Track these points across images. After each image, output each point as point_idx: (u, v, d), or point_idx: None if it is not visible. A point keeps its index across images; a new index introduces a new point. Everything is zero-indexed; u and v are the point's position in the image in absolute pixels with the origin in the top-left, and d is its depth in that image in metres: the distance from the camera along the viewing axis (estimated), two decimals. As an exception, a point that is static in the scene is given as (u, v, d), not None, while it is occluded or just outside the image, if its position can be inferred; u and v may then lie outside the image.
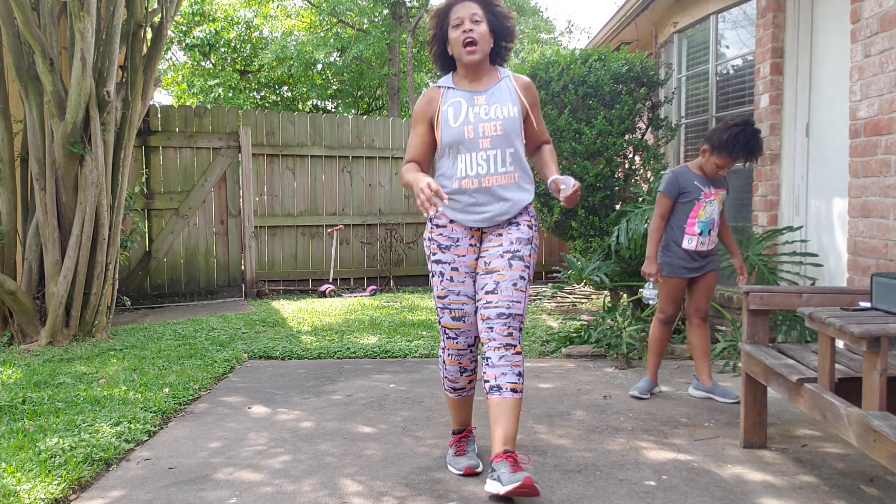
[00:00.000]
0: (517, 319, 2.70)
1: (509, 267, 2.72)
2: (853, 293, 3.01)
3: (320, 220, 8.57)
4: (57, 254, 5.34)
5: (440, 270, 2.81)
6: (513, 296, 2.69)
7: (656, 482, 2.75)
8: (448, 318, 2.81)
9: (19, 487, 2.66)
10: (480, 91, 2.76)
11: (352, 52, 15.80)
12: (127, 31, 5.77)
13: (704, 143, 3.74)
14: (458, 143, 2.72)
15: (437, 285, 2.82)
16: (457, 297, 2.79)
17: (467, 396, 2.95)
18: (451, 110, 2.74)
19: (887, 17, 3.52)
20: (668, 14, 6.68)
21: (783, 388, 2.74)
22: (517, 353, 2.70)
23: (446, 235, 2.81)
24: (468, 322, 2.80)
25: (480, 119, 2.70)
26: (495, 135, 2.70)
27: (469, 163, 2.72)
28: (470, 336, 2.82)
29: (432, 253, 2.84)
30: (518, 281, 2.71)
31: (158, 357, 4.88)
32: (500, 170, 2.72)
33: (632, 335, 4.68)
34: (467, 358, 2.85)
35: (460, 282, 2.79)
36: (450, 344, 2.83)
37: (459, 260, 2.79)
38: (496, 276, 2.71)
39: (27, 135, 5.46)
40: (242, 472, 2.90)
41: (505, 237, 2.77)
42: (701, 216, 3.72)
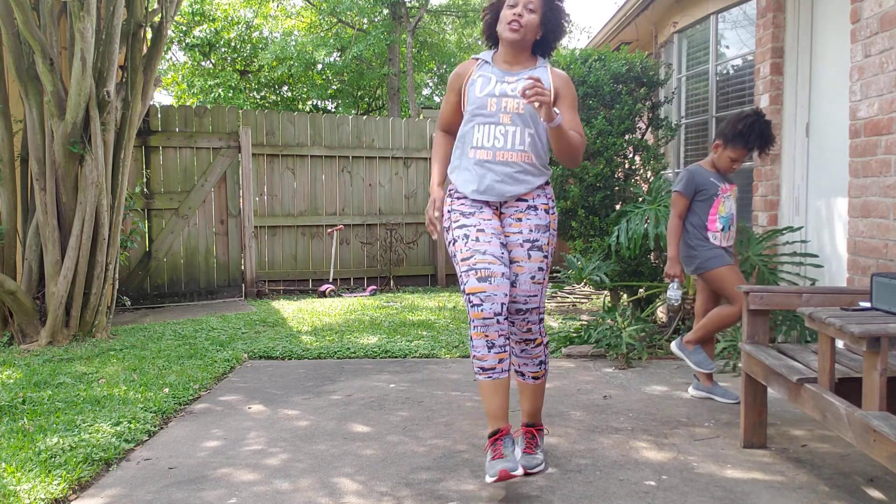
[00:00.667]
0: (535, 313, 2.76)
1: (528, 258, 2.73)
2: (853, 293, 3.01)
3: (320, 220, 8.57)
4: (57, 254, 5.34)
5: (464, 234, 2.70)
6: (530, 290, 2.73)
7: (656, 482, 2.75)
8: (473, 281, 2.60)
9: (19, 487, 2.66)
10: (514, 73, 2.77)
11: (352, 52, 15.80)
12: (127, 31, 5.77)
13: (717, 139, 3.74)
14: (479, 113, 2.74)
15: (462, 249, 2.68)
16: (482, 256, 2.63)
17: (498, 380, 2.64)
18: (480, 81, 2.77)
19: (887, 17, 3.53)
20: (668, 14, 6.68)
21: (783, 388, 2.74)
22: (537, 345, 2.81)
23: (469, 203, 2.77)
24: (495, 284, 2.60)
25: (506, 94, 2.71)
26: (517, 112, 2.70)
27: (487, 134, 2.73)
28: (496, 302, 2.59)
29: (454, 221, 2.75)
30: (536, 273, 2.74)
31: (158, 357, 4.88)
32: (518, 147, 2.72)
33: (632, 335, 4.68)
34: (494, 330, 2.60)
35: (486, 241, 2.66)
36: (475, 313, 2.60)
37: (485, 223, 2.72)
38: (515, 268, 2.72)
39: (27, 135, 5.46)
40: (242, 472, 2.91)
41: (524, 223, 2.75)
42: (721, 211, 3.71)
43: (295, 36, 17.59)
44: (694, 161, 6.25)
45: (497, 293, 2.60)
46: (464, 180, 2.79)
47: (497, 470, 2.47)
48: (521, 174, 2.74)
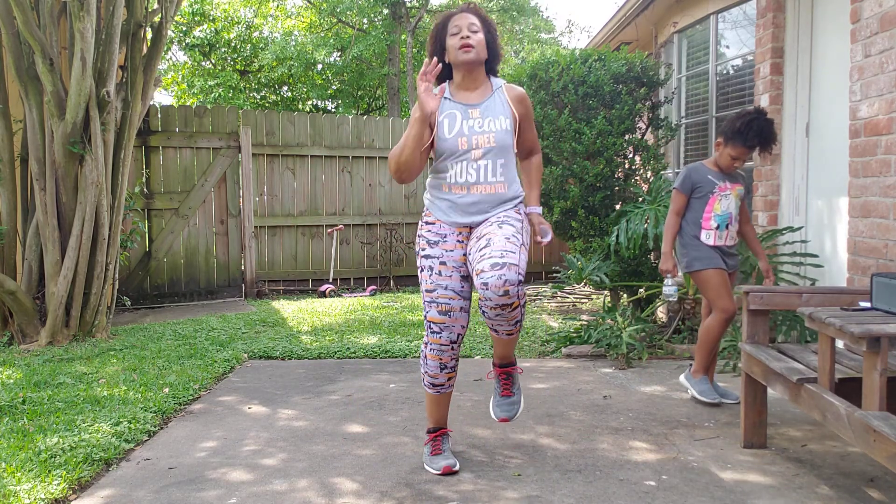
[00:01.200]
0: (513, 270, 2.54)
1: (500, 228, 2.73)
2: (853, 293, 3.01)
3: (320, 220, 8.57)
4: (57, 254, 5.34)
5: (429, 265, 2.88)
6: (505, 246, 2.62)
7: (656, 482, 2.75)
8: (434, 312, 2.84)
9: (19, 487, 2.66)
10: (475, 105, 2.87)
11: (352, 52, 15.81)
12: (127, 31, 5.77)
13: (718, 137, 3.73)
14: (451, 153, 2.84)
15: (426, 279, 2.88)
16: (444, 292, 2.83)
17: (446, 394, 2.98)
18: (447, 122, 2.85)
19: (887, 17, 3.52)
20: (668, 14, 6.68)
21: (783, 388, 2.74)
22: (514, 308, 2.63)
23: (434, 232, 2.90)
24: (453, 317, 2.84)
25: (474, 132, 2.82)
26: (488, 146, 2.81)
27: (461, 171, 2.84)
28: (453, 332, 2.85)
29: (421, 249, 2.93)
30: (511, 236, 2.68)
31: (158, 357, 4.88)
32: (491, 179, 2.83)
33: (632, 335, 4.68)
34: (448, 355, 2.88)
35: (447, 276, 2.84)
36: (433, 339, 2.86)
37: (447, 255, 2.86)
38: (488, 236, 2.71)
39: (27, 135, 5.46)
40: (242, 472, 2.91)
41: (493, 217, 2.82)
42: (716, 209, 3.69)
43: (295, 36, 17.59)
44: (694, 160, 6.25)
45: (455, 325, 2.85)
46: (441, 211, 2.90)
47: (441, 466, 2.88)
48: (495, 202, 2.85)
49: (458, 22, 2.85)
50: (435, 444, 2.98)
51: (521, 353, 5.05)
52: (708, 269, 3.67)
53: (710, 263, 3.67)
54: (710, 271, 3.67)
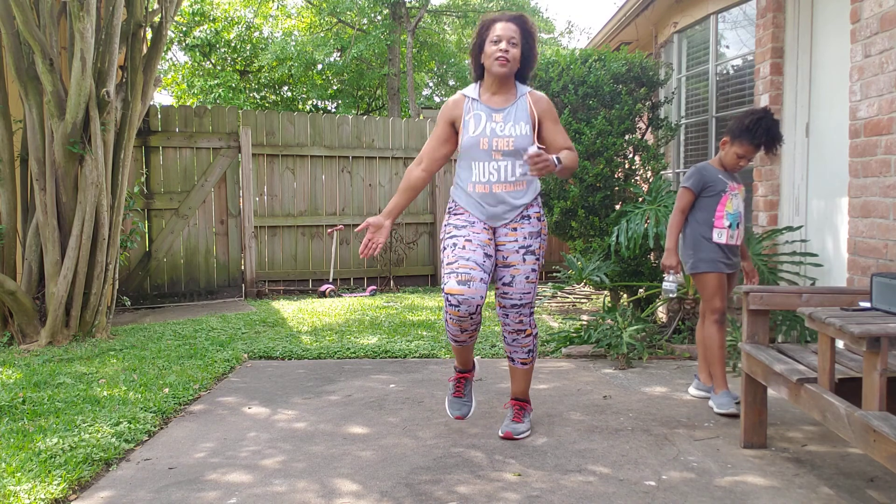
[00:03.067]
0: (528, 307, 3.14)
1: (523, 262, 3.10)
2: (853, 293, 3.01)
3: (320, 220, 8.57)
4: (57, 254, 5.34)
5: (453, 242, 3.05)
6: (524, 288, 3.11)
7: (656, 482, 2.75)
8: (453, 283, 2.93)
9: (19, 487, 2.66)
10: (499, 109, 3.07)
11: (352, 52, 15.81)
12: (127, 31, 5.77)
13: (725, 136, 3.71)
14: (473, 151, 3.06)
15: (448, 255, 3.04)
16: (465, 262, 2.97)
17: (468, 345, 3.24)
18: (472, 121, 3.08)
19: (887, 17, 3.52)
20: (668, 14, 6.68)
21: (783, 388, 2.74)
22: (527, 335, 3.19)
23: (464, 219, 3.11)
24: (472, 288, 2.93)
25: (496, 134, 3.03)
26: (507, 149, 3.03)
27: (482, 171, 3.07)
28: (472, 305, 2.94)
29: (447, 233, 3.12)
30: (530, 274, 3.12)
31: (158, 357, 4.88)
32: (510, 179, 3.06)
33: (632, 335, 4.68)
34: (468, 323, 3.03)
35: (472, 250, 3.00)
36: (452, 311, 2.97)
37: (475, 235, 3.06)
38: (512, 271, 3.10)
39: (27, 135, 5.46)
40: (242, 473, 2.91)
41: (519, 231, 3.11)
42: (729, 208, 3.66)
43: (295, 36, 17.58)
44: (694, 161, 6.26)
45: (474, 297, 2.95)
46: (466, 203, 3.14)
47: (456, 413, 3.34)
48: (515, 200, 3.09)
49: (501, 31, 3.01)
50: (458, 385, 3.34)
51: (521, 353, 5.05)
52: (711, 272, 3.67)
53: (714, 267, 3.66)
54: (712, 275, 3.67)
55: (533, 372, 3.36)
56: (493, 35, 3.02)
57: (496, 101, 3.09)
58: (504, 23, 3.04)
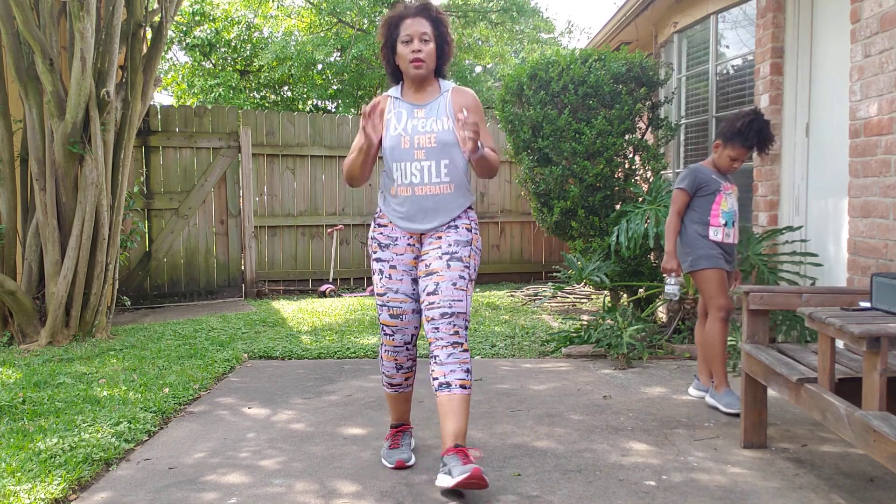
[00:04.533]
0: (461, 318, 2.79)
1: (448, 268, 2.81)
2: (853, 293, 3.01)
3: (320, 220, 8.57)
4: (57, 254, 5.34)
5: (380, 268, 2.93)
6: (454, 295, 2.78)
7: (656, 482, 2.75)
8: (386, 316, 2.90)
9: (19, 487, 2.66)
10: (421, 105, 2.89)
11: (352, 52, 15.80)
12: (127, 31, 5.77)
13: (717, 138, 3.72)
14: (395, 151, 2.85)
15: (377, 283, 2.93)
16: (395, 295, 2.89)
17: (404, 393, 3.04)
18: (393, 120, 2.89)
19: (887, 17, 3.52)
20: (668, 14, 6.68)
21: (783, 388, 2.74)
22: (464, 350, 2.79)
23: (386, 234, 2.94)
24: (405, 320, 2.89)
25: (417, 131, 2.84)
26: (430, 146, 2.82)
27: (405, 172, 2.84)
28: (406, 334, 2.91)
29: (373, 251, 2.97)
30: (458, 280, 2.80)
31: (158, 357, 4.88)
32: (434, 180, 2.83)
33: (632, 335, 4.68)
34: (403, 355, 2.94)
35: (398, 279, 2.89)
36: (387, 341, 2.93)
37: (397, 258, 2.90)
38: (436, 278, 2.80)
39: (27, 135, 5.46)
40: (242, 473, 2.91)
41: (443, 240, 2.86)
42: (724, 207, 3.67)
43: (295, 36, 17.59)
44: (694, 160, 6.26)
45: (407, 327, 2.90)
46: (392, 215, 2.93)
47: (395, 460, 2.92)
48: (440, 206, 2.85)
49: (411, 30, 2.82)
50: (394, 439, 3.05)
51: (522, 352, 5.05)
52: (711, 268, 3.66)
53: (713, 263, 3.66)
54: (712, 271, 3.66)
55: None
56: (403, 34, 2.82)
57: (418, 98, 2.90)
58: (412, 19, 2.83)
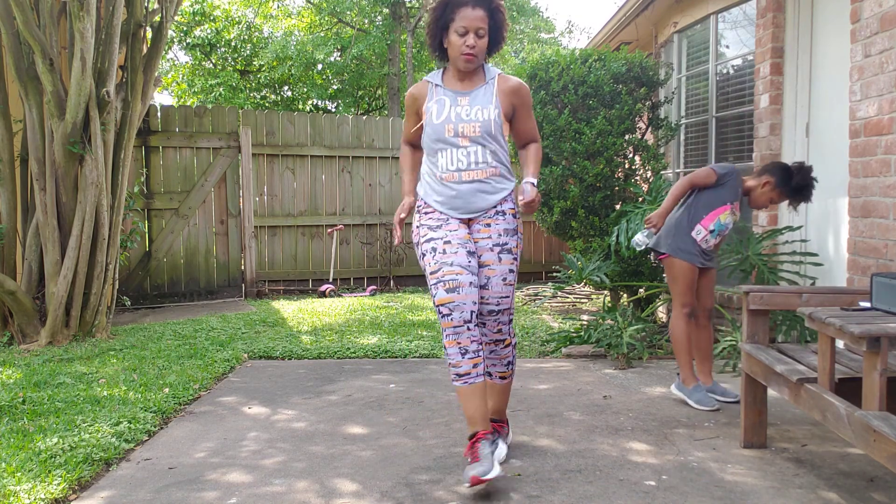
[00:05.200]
0: (506, 314, 2.89)
1: (499, 261, 2.86)
2: (853, 293, 3.01)
3: (320, 220, 8.57)
4: (57, 254, 5.34)
5: (432, 247, 2.82)
6: (502, 291, 2.86)
7: (656, 482, 2.75)
8: (442, 293, 2.73)
9: (19, 487, 2.66)
10: (465, 93, 2.87)
11: (352, 51, 15.80)
12: (127, 31, 5.77)
13: (769, 177, 3.72)
14: (438, 139, 2.85)
15: (430, 262, 2.81)
16: (450, 268, 2.75)
17: (475, 385, 2.75)
18: (436, 108, 2.87)
19: (887, 17, 3.52)
20: (668, 14, 6.68)
21: (783, 388, 2.74)
22: (507, 345, 2.94)
23: (435, 218, 2.89)
24: (462, 293, 2.72)
25: (461, 119, 2.83)
26: (474, 134, 2.82)
27: (450, 158, 2.85)
28: (465, 311, 2.72)
29: (422, 236, 2.89)
30: (507, 275, 2.88)
31: (158, 357, 4.88)
32: (481, 165, 2.84)
33: (632, 335, 4.68)
34: (465, 336, 2.73)
35: (453, 253, 2.78)
36: (445, 323, 2.75)
37: (452, 234, 2.84)
38: (487, 272, 2.85)
39: (27, 135, 5.46)
40: (242, 473, 2.91)
41: (493, 228, 2.87)
42: (721, 219, 3.71)
43: (295, 36, 17.59)
44: (694, 160, 6.26)
45: (466, 302, 2.73)
46: (433, 199, 2.92)
47: (469, 476, 2.58)
48: (486, 189, 2.85)
49: (467, 21, 2.77)
50: (473, 451, 2.69)
51: (522, 353, 5.05)
52: (689, 263, 3.73)
53: (691, 259, 3.73)
54: (689, 266, 3.73)
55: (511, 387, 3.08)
56: (459, 25, 2.77)
57: (461, 86, 2.88)
58: (472, 9, 2.77)
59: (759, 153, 5.04)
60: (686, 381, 3.77)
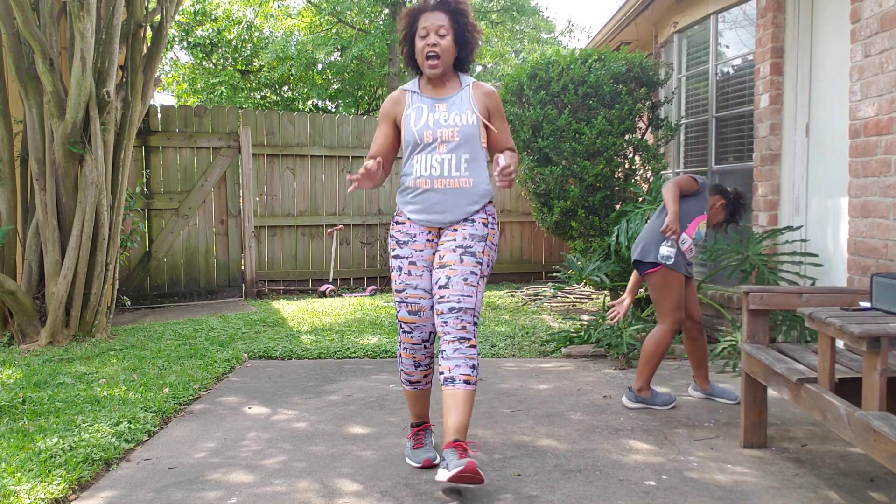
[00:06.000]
0: (469, 313, 2.78)
1: (460, 262, 2.81)
2: (853, 293, 3.01)
3: (320, 220, 8.57)
4: (57, 254, 5.34)
5: (398, 265, 2.91)
6: (464, 290, 2.78)
7: (656, 482, 2.75)
8: (405, 313, 2.88)
9: (19, 487, 2.66)
10: (443, 99, 2.88)
11: (352, 51, 15.80)
12: (127, 31, 5.77)
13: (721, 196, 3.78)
14: (416, 145, 2.85)
15: (396, 279, 2.91)
16: (413, 292, 2.87)
17: (422, 390, 3.04)
18: (414, 115, 2.87)
19: (887, 17, 3.52)
20: (668, 14, 6.68)
21: (783, 388, 2.74)
22: (471, 346, 2.78)
23: (404, 232, 2.93)
24: (424, 317, 2.87)
25: (440, 125, 2.83)
26: (452, 140, 2.82)
27: (424, 164, 2.84)
28: (424, 331, 2.89)
29: (391, 249, 2.96)
30: (469, 276, 2.80)
31: (158, 357, 4.88)
32: (454, 174, 2.83)
33: (632, 335, 4.68)
34: (421, 353, 2.92)
35: (417, 276, 2.87)
36: (405, 338, 2.91)
37: (417, 254, 2.89)
38: (448, 271, 2.81)
39: (27, 135, 5.46)
40: (242, 473, 2.91)
41: (459, 233, 2.86)
42: (700, 227, 3.67)
43: (295, 36, 17.59)
44: (694, 160, 6.26)
45: (426, 324, 2.88)
46: (408, 208, 2.92)
47: (422, 459, 2.91)
48: (459, 199, 2.84)
49: (426, 23, 2.80)
50: (417, 439, 3.05)
51: (522, 353, 5.05)
52: (676, 271, 3.57)
53: (682, 269, 3.60)
54: (680, 275, 3.59)
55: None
56: (420, 28, 2.80)
57: (437, 92, 2.89)
58: (429, 13, 2.80)
59: (759, 153, 5.04)
60: (643, 391, 3.69)
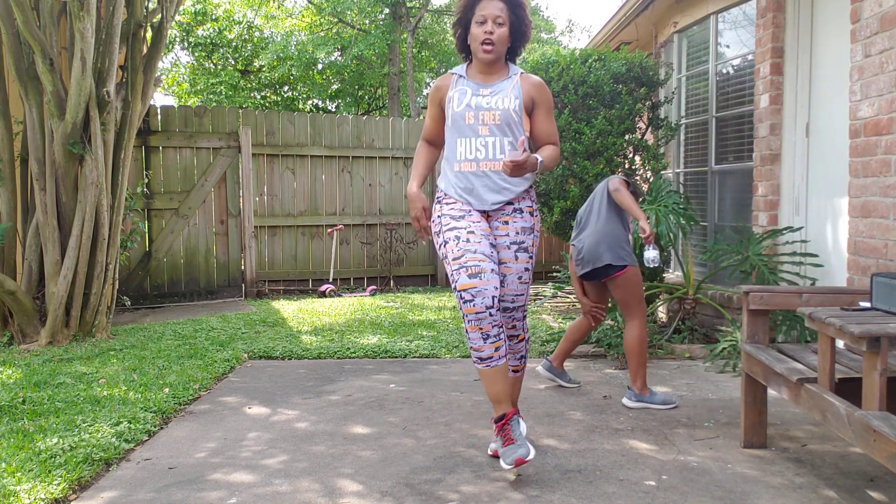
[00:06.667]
0: (520, 311, 2.98)
1: (515, 259, 2.91)
2: (853, 293, 3.01)
3: (320, 220, 8.57)
4: (57, 254, 5.34)
5: (455, 235, 2.81)
6: (517, 290, 2.94)
7: (656, 482, 2.75)
8: (465, 278, 2.70)
9: (19, 487, 2.66)
10: (488, 85, 2.92)
11: (352, 51, 15.80)
12: (127, 31, 5.77)
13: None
14: (458, 126, 2.88)
15: (453, 249, 2.78)
16: (473, 255, 2.75)
17: (496, 368, 2.76)
18: (457, 96, 2.91)
19: (887, 17, 3.52)
20: (668, 14, 6.68)
21: (783, 388, 2.74)
22: (520, 340, 3.02)
23: (458, 208, 2.90)
24: (484, 279, 2.70)
25: (482, 107, 2.86)
26: (494, 123, 2.85)
27: (468, 147, 2.87)
28: (487, 296, 2.69)
29: (444, 225, 2.87)
30: (523, 273, 2.94)
31: (158, 357, 4.88)
32: (499, 157, 2.85)
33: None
34: (487, 322, 2.71)
35: (477, 242, 2.79)
36: (467, 308, 2.70)
37: (475, 225, 2.85)
38: (503, 269, 2.90)
39: (27, 135, 5.46)
40: (242, 473, 2.91)
41: (511, 226, 2.91)
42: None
43: (296, 36, 17.59)
44: (694, 160, 6.26)
45: (487, 287, 2.71)
46: (454, 189, 2.93)
47: (513, 459, 2.67)
48: (503, 182, 2.87)
49: (485, 11, 2.84)
50: (504, 434, 2.76)
51: (522, 353, 5.05)
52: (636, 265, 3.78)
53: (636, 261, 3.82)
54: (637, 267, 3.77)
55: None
56: (478, 14, 2.84)
57: (484, 78, 2.92)
58: (487, 1, 2.84)
59: (759, 153, 5.04)
60: (643, 391, 3.73)
